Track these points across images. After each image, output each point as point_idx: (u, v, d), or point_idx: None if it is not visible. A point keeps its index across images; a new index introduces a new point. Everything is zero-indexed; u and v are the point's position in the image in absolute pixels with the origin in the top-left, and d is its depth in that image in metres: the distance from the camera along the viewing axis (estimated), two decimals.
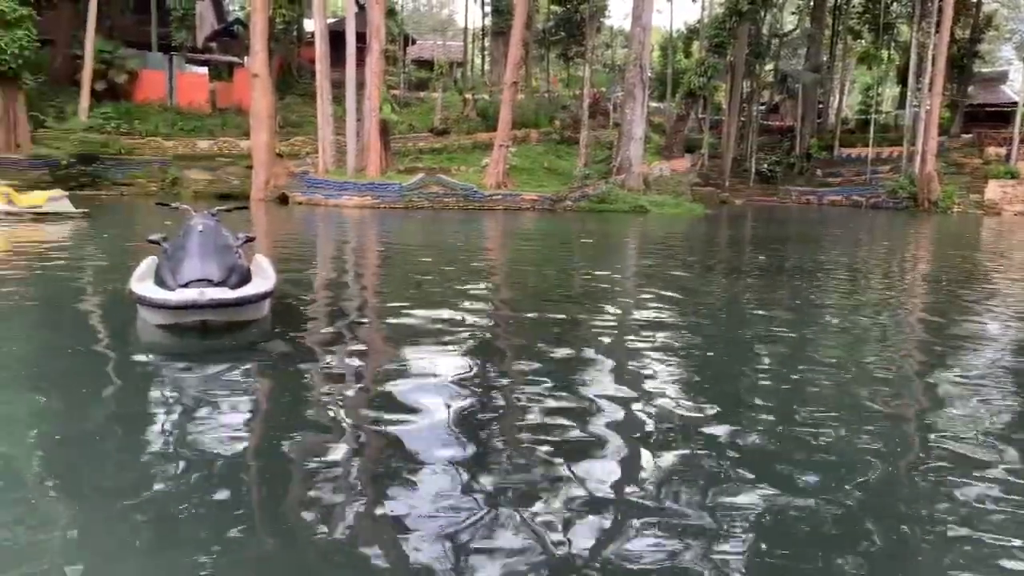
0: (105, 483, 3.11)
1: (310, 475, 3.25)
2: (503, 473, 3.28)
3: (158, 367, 4.96)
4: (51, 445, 3.54)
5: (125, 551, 2.60)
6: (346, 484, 3.16)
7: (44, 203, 16.26)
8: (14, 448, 3.47)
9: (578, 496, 3.07)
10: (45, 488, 3.05)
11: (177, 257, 5.83)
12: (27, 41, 26.75)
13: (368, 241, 15.86)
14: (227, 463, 3.32)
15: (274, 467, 3.36)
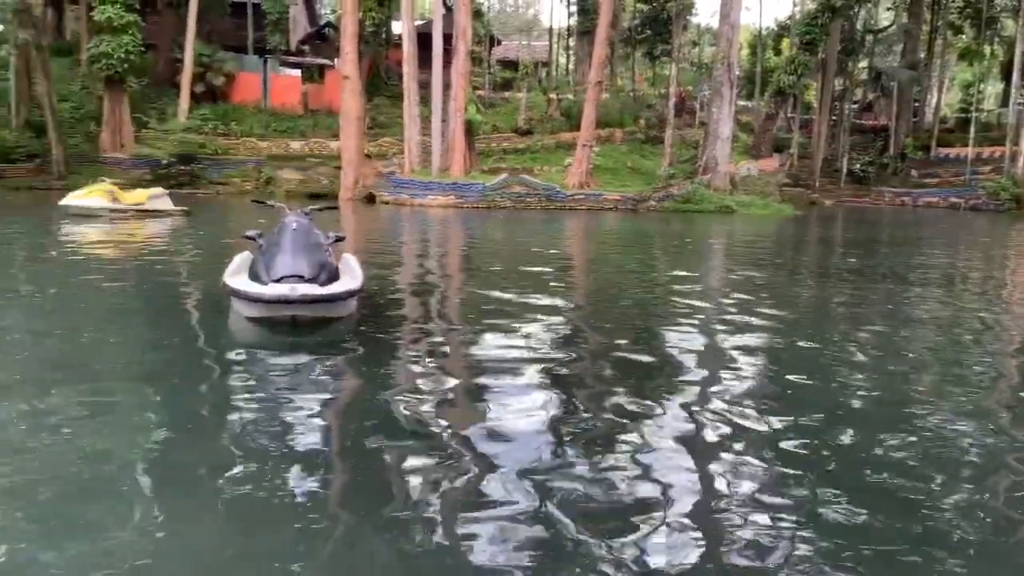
0: (193, 470, 3.26)
1: (389, 472, 3.33)
2: (581, 479, 3.29)
3: (249, 359, 5.15)
4: (145, 432, 3.74)
5: (210, 536, 2.73)
6: (424, 482, 3.23)
7: (146, 201, 17.03)
8: (111, 435, 3.67)
9: (662, 507, 3.06)
10: (137, 474, 3.21)
11: (271, 253, 6.05)
12: (132, 46, 28.05)
13: (451, 241, 16.08)
14: (310, 455, 3.43)
15: (355, 461, 3.46)
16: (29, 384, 4.36)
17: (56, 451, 3.36)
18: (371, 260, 10.36)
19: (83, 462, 3.27)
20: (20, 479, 3.04)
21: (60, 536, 2.64)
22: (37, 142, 27.30)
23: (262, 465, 3.28)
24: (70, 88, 31.44)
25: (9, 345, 5.30)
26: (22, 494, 2.92)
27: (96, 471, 3.19)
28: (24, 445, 3.42)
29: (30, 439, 3.49)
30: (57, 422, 3.73)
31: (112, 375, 4.71)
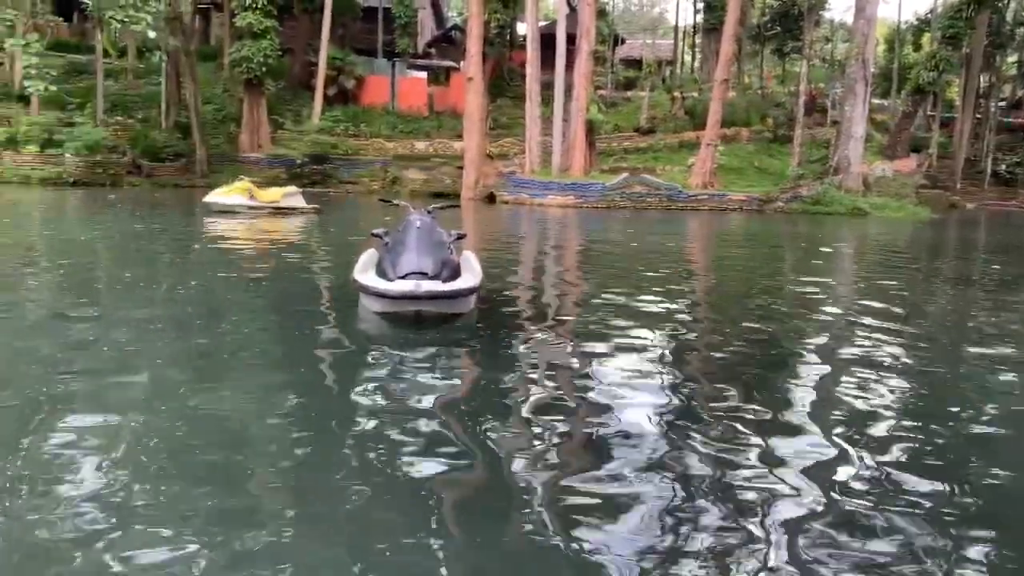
0: (318, 456, 3.42)
1: (503, 465, 3.40)
2: (695, 485, 3.28)
3: (375, 351, 5.35)
4: (275, 418, 3.95)
5: (328, 524, 2.86)
6: (537, 477, 3.29)
7: (281, 199, 17.88)
8: (243, 420, 3.91)
9: (781, 525, 3.02)
10: (263, 460, 3.41)
11: (396, 251, 6.27)
12: (270, 50, 29.48)
13: (569, 240, 16.13)
14: (429, 444, 3.54)
15: (470, 452, 3.55)
16: (170, 370, 4.70)
17: (192, 436, 3.60)
18: (490, 258, 10.54)
19: (216, 447, 3.50)
20: (159, 463, 3.29)
21: (197, 519, 2.85)
22: (184, 142, 29.08)
23: (382, 453, 3.42)
24: (213, 91, 33.35)
25: (154, 333, 5.71)
26: (159, 478, 3.16)
27: (228, 456, 3.41)
28: (163, 430, 3.69)
29: (168, 424, 3.76)
30: (194, 407, 4.01)
31: (245, 363, 5.00)
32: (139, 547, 2.54)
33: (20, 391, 4.12)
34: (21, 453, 3.27)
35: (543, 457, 3.46)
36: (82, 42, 37.51)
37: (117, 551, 2.51)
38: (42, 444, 3.38)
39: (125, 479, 3.05)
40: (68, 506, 2.80)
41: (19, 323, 6.01)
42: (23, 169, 26.68)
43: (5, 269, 8.86)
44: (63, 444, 3.38)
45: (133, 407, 3.95)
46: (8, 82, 31.85)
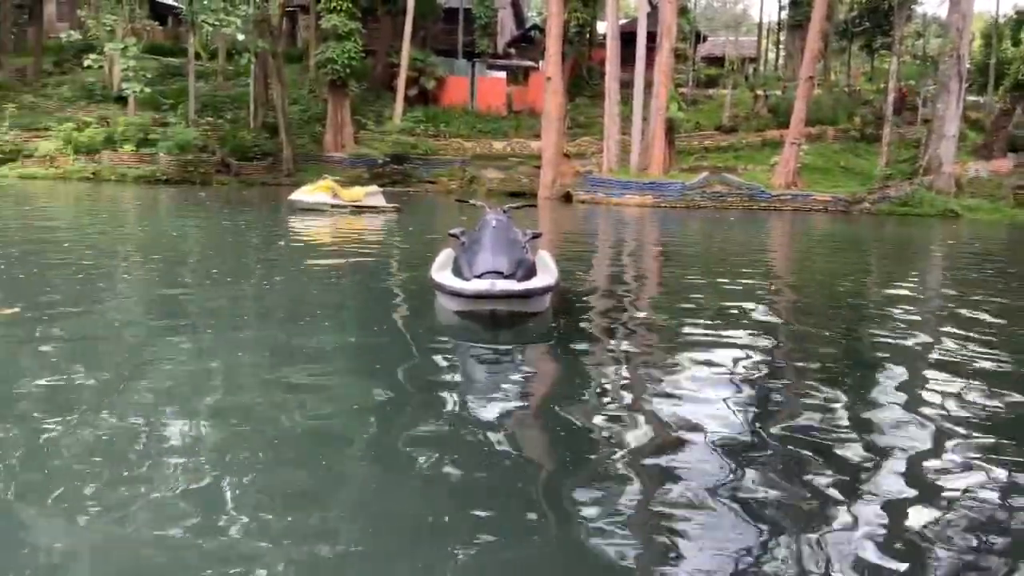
0: (392, 448, 3.49)
1: (574, 463, 3.43)
2: (772, 495, 3.24)
3: (451, 348, 5.44)
4: (351, 410, 4.06)
5: (410, 508, 2.93)
6: (609, 476, 3.30)
7: (362, 197, 18.25)
8: (321, 411, 4.02)
9: (861, 532, 2.96)
10: (340, 453, 3.49)
11: (472, 250, 6.34)
12: (354, 52, 30.09)
13: (647, 240, 16.00)
14: (501, 440, 3.58)
15: (543, 450, 3.59)
16: (251, 362, 4.88)
17: (268, 424, 3.73)
18: (566, 257, 10.54)
19: (291, 438, 3.61)
20: (242, 451, 3.41)
21: (279, 504, 2.96)
22: (271, 142, 29.95)
23: (455, 446, 3.48)
24: (300, 92, 34.25)
25: (238, 326, 5.93)
26: (242, 465, 3.28)
27: (303, 446, 3.52)
28: (246, 418, 3.83)
29: (251, 412, 3.91)
30: (276, 397, 4.15)
31: (325, 357, 5.14)
32: (216, 529, 2.66)
33: (110, 378, 4.34)
34: (109, 433, 3.45)
35: (614, 459, 3.45)
36: (176, 45, 39.01)
37: (199, 532, 2.63)
38: (131, 425, 3.55)
39: (204, 465, 3.18)
40: (152, 482, 2.94)
41: (113, 314, 6.31)
42: (120, 167, 27.92)
43: (102, 263, 9.30)
44: (150, 425, 3.55)
45: (215, 396, 4.12)
46: (107, 84, 33.35)
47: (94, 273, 8.39)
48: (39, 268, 8.55)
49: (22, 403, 3.89)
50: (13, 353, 4.90)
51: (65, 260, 9.22)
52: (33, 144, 29.07)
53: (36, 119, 31.46)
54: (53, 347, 5.07)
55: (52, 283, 7.61)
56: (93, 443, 3.38)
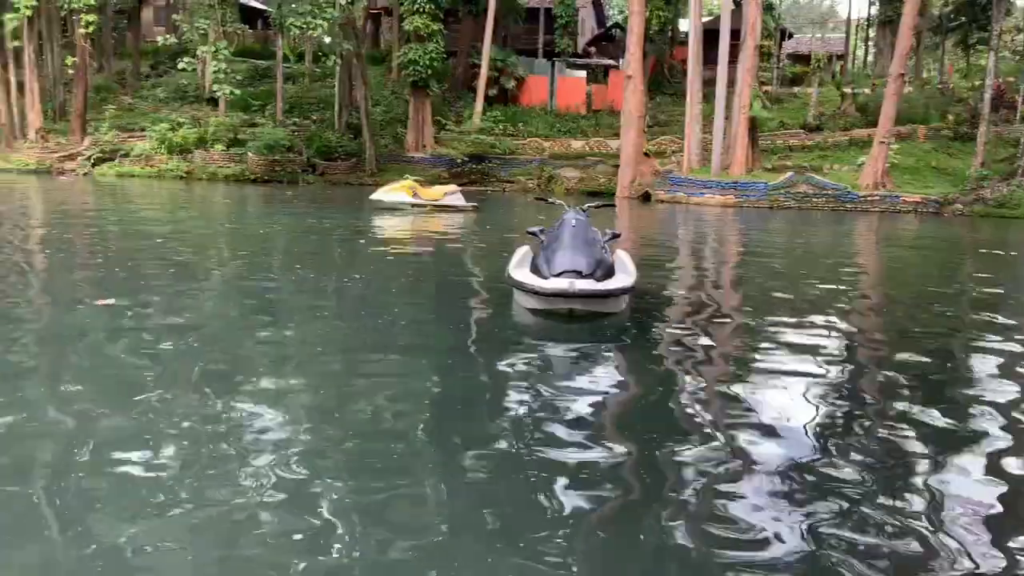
0: (465, 442, 3.54)
1: (647, 464, 3.41)
2: (847, 498, 3.16)
3: (527, 346, 5.47)
4: (426, 404, 4.14)
5: (474, 513, 2.96)
6: (682, 478, 3.27)
7: (442, 197, 18.47)
8: (397, 404, 4.10)
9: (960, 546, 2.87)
10: (414, 448, 3.55)
11: (551, 248, 6.37)
12: (436, 53, 30.44)
13: (728, 240, 15.74)
14: (572, 439, 3.59)
15: (613, 449, 3.57)
16: (332, 356, 5.01)
17: (348, 419, 3.83)
18: (645, 257, 10.47)
19: (369, 428, 3.71)
20: (318, 442, 3.51)
21: (352, 495, 3.03)
22: (354, 143, 30.57)
23: (523, 444, 3.50)
24: (382, 93, 34.85)
25: (319, 320, 6.09)
26: (318, 455, 3.38)
27: (379, 436, 3.60)
28: (324, 411, 3.94)
29: (328, 406, 4.02)
30: (352, 391, 4.26)
31: (402, 352, 5.24)
32: (295, 519, 2.75)
33: (196, 366, 4.52)
34: (194, 417, 3.60)
35: (683, 460, 3.43)
36: (265, 48, 40.18)
37: (277, 516, 2.73)
38: (210, 411, 3.70)
39: (283, 455, 3.29)
40: (240, 464, 3.06)
41: (202, 307, 6.57)
42: (211, 166, 28.93)
43: (193, 258, 9.68)
44: (228, 413, 3.69)
45: (294, 387, 4.25)
46: (200, 86, 34.59)
47: (185, 267, 8.75)
48: (133, 262, 8.95)
49: (114, 387, 4.08)
50: (108, 341, 5.16)
51: (158, 255, 9.63)
52: (131, 144, 30.38)
53: (133, 120, 32.88)
54: (144, 337, 5.30)
55: (146, 277, 7.96)
56: (178, 426, 3.54)
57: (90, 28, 30.70)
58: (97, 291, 6.92)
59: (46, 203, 18.38)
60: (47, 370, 4.53)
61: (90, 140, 31.02)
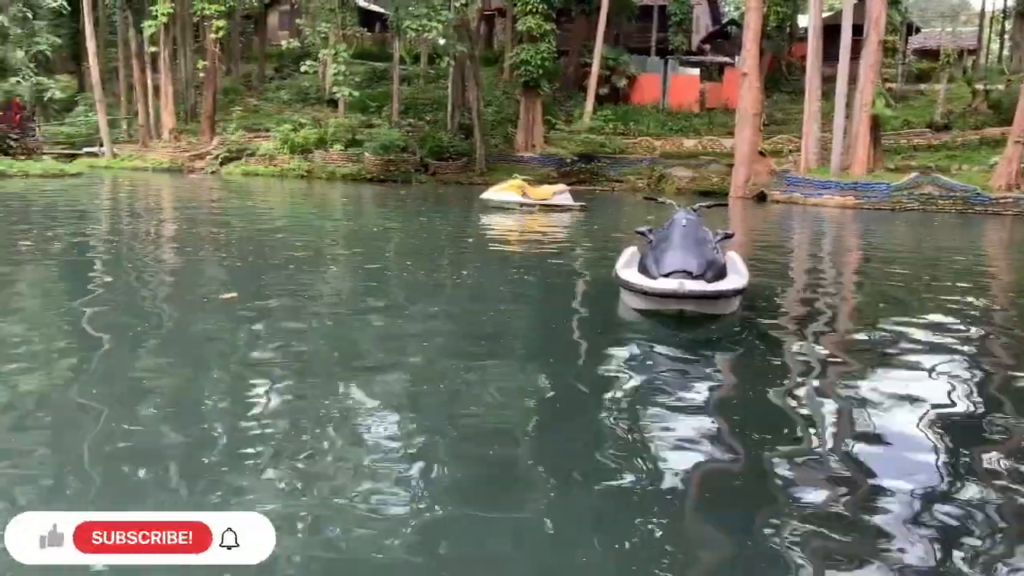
0: (564, 448, 3.56)
1: (756, 471, 3.35)
2: (966, 520, 3.02)
3: (634, 347, 5.44)
4: (530, 402, 4.18)
5: (574, 513, 2.97)
6: (793, 488, 3.21)
7: (550, 196, 18.53)
8: (496, 404, 4.15)
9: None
10: (515, 445, 3.60)
11: (660, 248, 6.31)
12: (547, 53, 30.55)
13: (847, 243, 15.16)
14: (680, 445, 3.55)
15: (721, 456, 3.52)
16: (439, 351, 5.13)
17: (453, 412, 3.91)
18: (757, 259, 10.22)
19: (473, 426, 3.77)
20: (425, 435, 3.60)
21: (452, 490, 3.11)
22: (465, 143, 31.05)
23: (629, 446, 3.50)
24: (493, 93, 35.24)
25: (428, 317, 6.23)
26: (423, 448, 3.47)
27: (484, 434, 3.66)
28: (429, 404, 4.04)
29: (435, 400, 4.12)
30: (458, 386, 4.36)
31: (507, 349, 5.32)
32: (396, 511, 2.85)
33: (309, 357, 4.72)
34: (305, 406, 3.77)
35: (792, 472, 3.36)
36: (382, 51, 41.27)
37: (382, 508, 2.84)
38: (319, 402, 3.86)
39: (390, 446, 3.41)
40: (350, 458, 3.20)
41: (318, 300, 6.84)
42: (330, 166, 29.98)
43: (310, 254, 10.08)
44: (352, 405, 3.84)
45: (401, 380, 4.37)
46: (321, 88, 35.88)
47: (302, 263, 9.13)
48: (255, 257, 9.40)
49: (234, 376, 4.31)
50: (231, 331, 5.45)
51: (278, 251, 10.08)
52: (256, 144, 31.82)
53: (259, 121, 34.43)
54: (263, 329, 5.58)
55: (266, 271, 8.36)
56: (291, 413, 3.71)
57: (220, 33, 32.32)
58: (221, 286, 7.32)
59: (177, 200, 19.49)
60: (176, 363, 4.81)
61: (218, 140, 32.69)
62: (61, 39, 37.07)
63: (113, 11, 37.57)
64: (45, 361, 4.51)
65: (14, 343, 4.85)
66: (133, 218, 14.86)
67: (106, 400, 3.85)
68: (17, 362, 4.42)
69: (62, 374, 4.30)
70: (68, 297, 6.81)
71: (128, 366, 4.51)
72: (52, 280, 7.66)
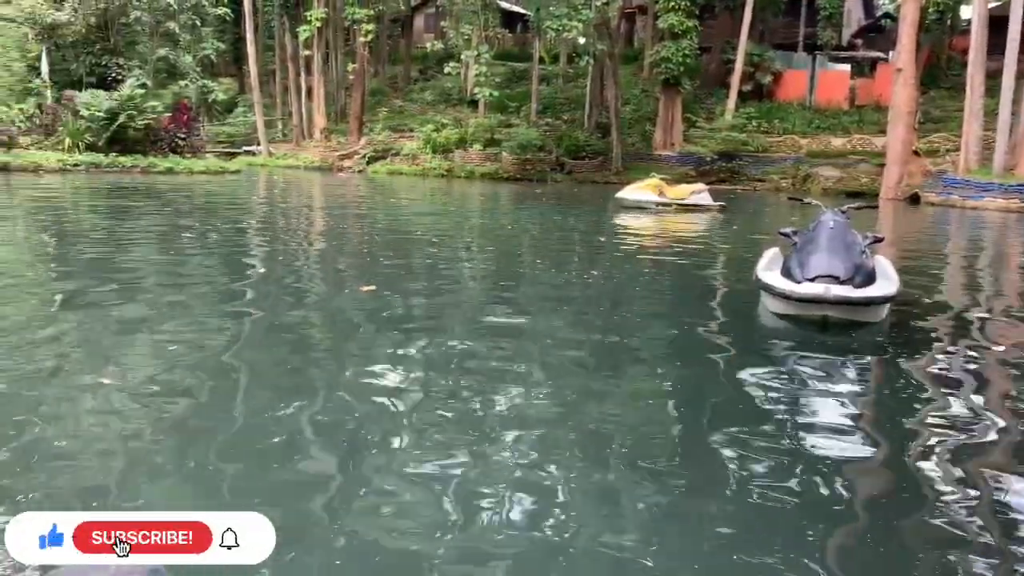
0: (701, 456, 3.49)
1: (894, 495, 3.21)
2: None
3: (773, 353, 5.30)
4: (660, 408, 4.11)
5: (712, 523, 2.93)
6: (930, 518, 3.06)
7: (688, 196, 18.21)
8: (628, 408, 4.13)
9: None
10: (648, 450, 3.57)
11: (806, 251, 6.10)
12: (689, 50, 30.05)
13: (1010, 251, 14.12)
14: (820, 459, 3.42)
15: (861, 477, 3.38)
16: (566, 351, 5.14)
17: (584, 413, 3.90)
18: (909, 264, 9.70)
19: (602, 430, 3.75)
20: (553, 435, 3.62)
21: (585, 490, 3.14)
22: (602, 141, 31.00)
23: (768, 457, 3.41)
24: (632, 92, 34.99)
25: (559, 315, 6.26)
26: (552, 447, 3.50)
27: (614, 438, 3.65)
28: (559, 405, 4.06)
29: (564, 400, 4.13)
30: (587, 387, 4.37)
31: (639, 352, 5.28)
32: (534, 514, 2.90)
33: (447, 355, 4.85)
34: (434, 398, 3.89)
35: (939, 496, 3.19)
36: (523, 51, 41.77)
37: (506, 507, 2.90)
38: (464, 398, 3.98)
39: (524, 446, 3.47)
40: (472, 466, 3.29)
41: (449, 295, 7.03)
42: (468, 165, 30.65)
43: (446, 250, 10.38)
44: (480, 399, 3.94)
45: (533, 380, 4.42)
46: (463, 89, 36.72)
47: (438, 258, 9.43)
48: (394, 252, 9.79)
49: (367, 366, 4.49)
50: (368, 322, 5.70)
51: (416, 246, 10.45)
52: (400, 143, 32.94)
53: (403, 121, 35.63)
54: (399, 321, 5.79)
55: (404, 266, 8.69)
56: (418, 407, 3.85)
57: (369, 37, 33.65)
58: (361, 278, 7.66)
59: (326, 197, 20.46)
60: (318, 354, 5.08)
61: (365, 140, 34.05)
62: (224, 44, 39.68)
63: (271, 17, 39.80)
64: (196, 343, 4.88)
65: (165, 331, 5.27)
66: (285, 213, 15.73)
67: (246, 382, 4.14)
68: (174, 343, 4.81)
69: (206, 357, 4.62)
70: (222, 284, 7.30)
71: (265, 355, 4.81)
72: (209, 268, 8.22)
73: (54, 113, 25.71)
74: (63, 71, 26.26)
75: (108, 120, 24.50)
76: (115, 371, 4.17)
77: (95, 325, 5.26)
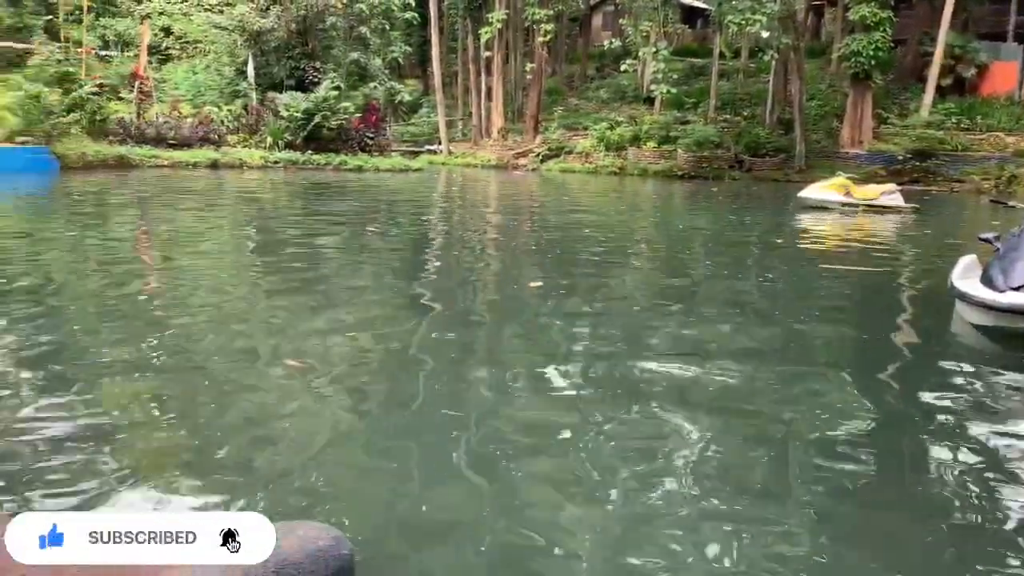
0: (889, 466, 3.35)
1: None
2: None
3: (967, 368, 4.90)
4: (839, 424, 3.90)
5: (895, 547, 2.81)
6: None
7: (877, 196, 17.15)
8: (807, 423, 3.94)
9: None
10: (818, 467, 3.43)
11: (1010, 258, 5.66)
12: (882, 43, 28.29)
13: None
14: (1005, 498, 3.16)
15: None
16: (742, 359, 4.97)
17: (759, 425, 3.82)
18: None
19: (770, 446, 3.64)
20: (716, 445, 3.58)
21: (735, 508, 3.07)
22: (784, 138, 29.83)
23: (956, 480, 3.22)
24: (818, 87, 33.44)
25: (729, 320, 6.08)
26: (709, 460, 3.46)
27: (785, 450, 3.55)
28: (722, 411, 3.99)
29: (730, 407, 4.05)
30: (761, 399, 4.25)
31: (817, 361, 5.07)
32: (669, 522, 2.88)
33: (607, 353, 4.86)
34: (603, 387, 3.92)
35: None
36: (702, 47, 40.93)
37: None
38: (620, 398, 3.99)
39: (677, 460, 3.44)
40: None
41: (613, 294, 7.03)
42: (642, 163, 30.41)
43: (614, 248, 10.40)
44: (639, 405, 3.94)
45: (696, 387, 4.34)
46: (639, 86, 36.46)
47: (606, 256, 9.47)
48: (563, 249, 9.92)
49: (531, 357, 4.60)
50: (535, 316, 5.81)
51: (586, 244, 10.53)
52: (574, 142, 33.19)
53: (578, 120, 35.86)
54: (560, 318, 5.87)
55: (572, 263, 8.80)
56: (580, 406, 3.89)
57: (548, 36, 34.08)
58: (531, 274, 7.83)
59: (501, 194, 20.97)
60: (483, 344, 5.26)
61: (540, 139, 34.56)
62: (411, 47, 41.48)
63: (455, 20, 41.19)
64: (377, 330, 5.18)
65: (346, 319, 5.62)
66: (462, 209, 16.29)
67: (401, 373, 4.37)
68: (355, 331, 5.15)
69: (376, 345, 4.90)
70: (402, 275, 7.71)
71: (436, 345, 5.01)
72: (390, 260, 8.69)
73: (258, 114, 27.85)
74: (266, 75, 28.43)
75: (305, 120, 26.28)
76: (310, 351, 4.53)
77: (293, 309, 5.73)
